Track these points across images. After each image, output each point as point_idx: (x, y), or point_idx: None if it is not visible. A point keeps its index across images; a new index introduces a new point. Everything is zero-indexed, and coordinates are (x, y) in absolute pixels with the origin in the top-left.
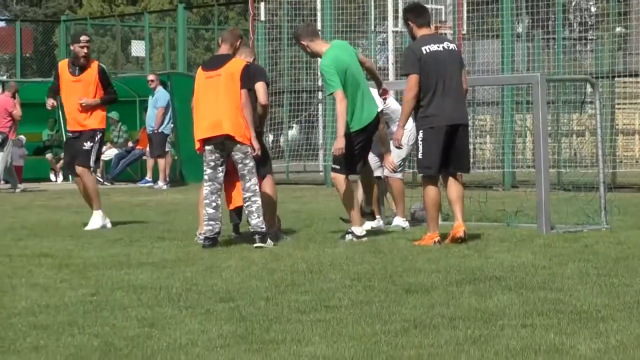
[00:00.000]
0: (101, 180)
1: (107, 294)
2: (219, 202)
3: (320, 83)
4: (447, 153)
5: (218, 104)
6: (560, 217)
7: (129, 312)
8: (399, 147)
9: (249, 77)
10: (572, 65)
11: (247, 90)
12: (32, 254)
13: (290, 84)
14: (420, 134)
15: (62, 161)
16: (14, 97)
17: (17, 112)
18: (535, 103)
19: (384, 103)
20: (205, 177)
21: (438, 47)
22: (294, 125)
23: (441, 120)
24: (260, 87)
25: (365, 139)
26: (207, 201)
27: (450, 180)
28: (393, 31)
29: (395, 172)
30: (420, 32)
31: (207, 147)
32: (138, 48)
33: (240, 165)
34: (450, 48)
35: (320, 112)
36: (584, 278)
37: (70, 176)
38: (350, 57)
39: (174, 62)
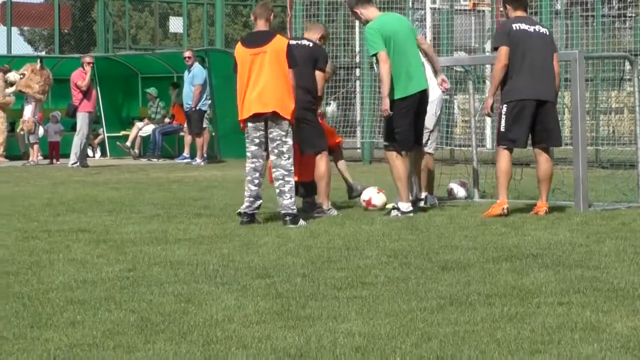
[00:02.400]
0: (136, 154)
1: (144, 270)
2: (262, 179)
3: (358, 60)
4: (534, 128)
5: (264, 81)
6: (597, 195)
7: (165, 287)
8: (488, 115)
9: (293, 56)
10: (611, 42)
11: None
12: (70, 229)
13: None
14: (504, 108)
15: (100, 137)
16: (83, 68)
17: (82, 82)
18: (574, 80)
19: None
20: (249, 154)
21: (529, 27)
22: (332, 102)
23: (526, 94)
24: (320, 77)
25: (409, 110)
26: (249, 178)
27: (542, 157)
28: (431, 8)
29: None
30: (515, 14)
31: (250, 124)
32: (176, 24)
33: (278, 143)
34: (541, 32)
35: (357, 89)
36: (620, 256)
37: (107, 152)
38: (400, 26)
39: (212, 39)
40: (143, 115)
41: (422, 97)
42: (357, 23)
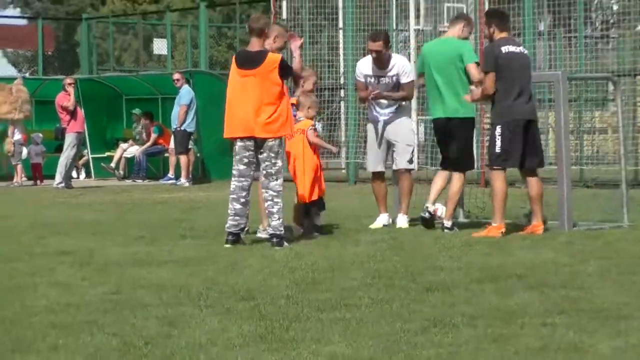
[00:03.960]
0: (120, 175)
1: (128, 293)
2: (248, 198)
3: (342, 81)
4: (524, 148)
5: (252, 104)
6: (582, 215)
7: (149, 310)
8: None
9: (285, 67)
10: (594, 63)
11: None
12: (54, 251)
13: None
14: (498, 128)
15: (84, 158)
16: (65, 90)
17: (68, 103)
18: (557, 101)
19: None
20: (236, 172)
21: (516, 49)
22: (317, 122)
23: (519, 115)
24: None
25: (435, 133)
26: (234, 196)
27: (533, 178)
28: (415, 29)
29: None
30: (501, 35)
31: (240, 143)
32: (160, 46)
33: (268, 164)
34: (525, 53)
35: (342, 110)
36: (605, 276)
37: (92, 173)
38: (438, 50)
39: (196, 61)
40: (127, 136)
41: (442, 125)
42: (341, 44)
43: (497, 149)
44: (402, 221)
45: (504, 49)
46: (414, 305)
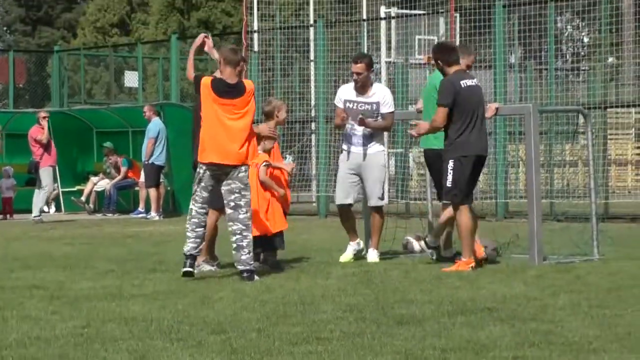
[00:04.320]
0: (91, 209)
1: (98, 326)
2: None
3: (313, 113)
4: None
5: (231, 133)
6: (552, 248)
7: (120, 344)
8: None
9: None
10: (565, 95)
11: None
12: (24, 285)
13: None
14: (451, 163)
15: (54, 192)
16: (39, 124)
17: (42, 136)
18: (528, 133)
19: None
20: (199, 198)
21: (472, 82)
22: (287, 155)
23: (474, 150)
24: None
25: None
26: (196, 220)
27: (471, 213)
28: (386, 62)
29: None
30: (452, 69)
31: (208, 172)
32: (131, 78)
33: (237, 196)
34: (478, 84)
35: (313, 143)
36: (575, 309)
37: (62, 207)
38: (428, 86)
39: (168, 93)
40: (98, 169)
41: (429, 156)
42: (312, 77)
43: (449, 183)
44: (373, 256)
45: (463, 83)
46: (385, 339)
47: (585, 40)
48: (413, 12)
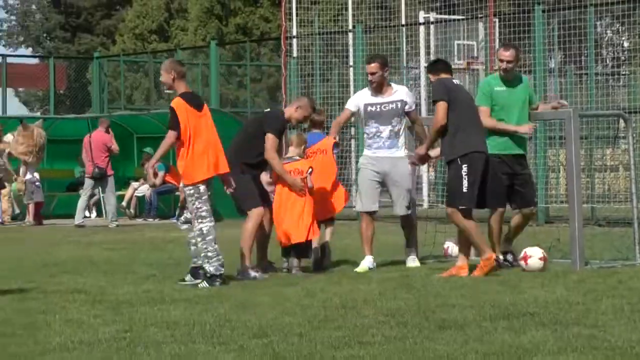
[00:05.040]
0: (132, 214)
1: (141, 331)
2: None
3: (352, 119)
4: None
5: (214, 143)
6: (594, 253)
7: (162, 348)
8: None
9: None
10: (605, 100)
11: None
12: (66, 290)
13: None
14: (465, 168)
15: (95, 197)
16: (107, 132)
17: (115, 146)
18: (568, 138)
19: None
20: (206, 213)
21: (459, 83)
22: None
23: (483, 150)
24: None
25: None
26: (212, 237)
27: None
28: (425, 67)
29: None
30: (443, 76)
31: (204, 185)
32: None
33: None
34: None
35: (352, 148)
36: (618, 314)
37: (103, 212)
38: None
39: (207, 99)
40: (139, 175)
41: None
42: (352, 82)
43: (464, 189)
44: (412, 261)
45: (454, 81)
46: (427, 343)
47: (626, 44)
48: (452, 17)
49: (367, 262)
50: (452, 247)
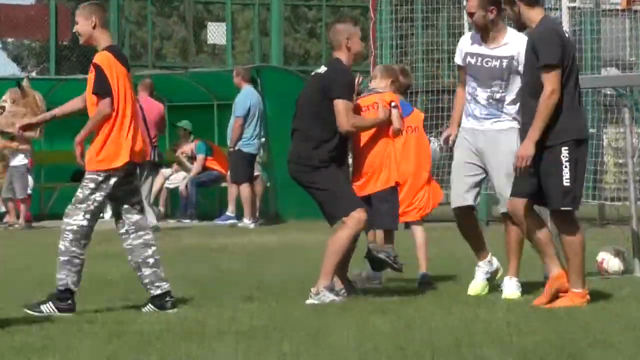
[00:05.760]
0: (161, 212)
1: None
2: None
3: None
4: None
5: (138, 118)
6: None
7: None
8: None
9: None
10: None
11: None
12: (71, 320)
13: (425, 82)
14: (565, 152)
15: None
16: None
17: None
18: None
19: None
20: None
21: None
22: (432, 138)
23: (586, 132)
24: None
25: None
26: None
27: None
28: (569, 7)
29: None
30: (535, 12)
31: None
32: (216, 33)
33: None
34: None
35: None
36: None
37: None
38: None
39: (266, 53)
40: (170, 159)
41: None
42: (466, 30)
43: (567, 182)
44: (511, 288)
45: (565, 31)
46: None
47: None
48: None
49: (479, 277)
50: (608, 260)
